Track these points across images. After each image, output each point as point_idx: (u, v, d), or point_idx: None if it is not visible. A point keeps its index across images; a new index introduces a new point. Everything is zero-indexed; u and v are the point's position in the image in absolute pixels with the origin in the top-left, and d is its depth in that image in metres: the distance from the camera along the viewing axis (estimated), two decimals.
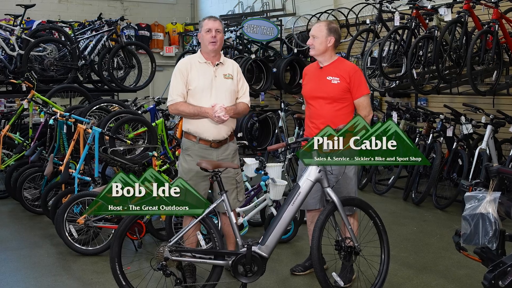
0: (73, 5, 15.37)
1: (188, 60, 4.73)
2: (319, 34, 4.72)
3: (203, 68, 4.67)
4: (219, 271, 4.27)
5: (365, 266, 4.59)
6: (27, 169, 7.25)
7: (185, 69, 4.64)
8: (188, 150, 4.69)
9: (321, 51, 4.75)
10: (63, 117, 6.77)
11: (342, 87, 4.68)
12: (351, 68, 4.74)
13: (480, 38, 7.38)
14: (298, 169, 5.03)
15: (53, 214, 6.02)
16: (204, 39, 4.65)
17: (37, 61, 9.34)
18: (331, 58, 4.79)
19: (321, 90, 4.74)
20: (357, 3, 10.68)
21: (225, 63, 4.78)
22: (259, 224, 6.46)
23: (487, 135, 7.22)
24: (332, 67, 4.76)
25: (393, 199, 8.16)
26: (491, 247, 3.57)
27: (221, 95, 4.63)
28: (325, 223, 4.22)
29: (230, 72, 4.76)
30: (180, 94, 4.63)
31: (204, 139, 4.64)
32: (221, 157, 4.69)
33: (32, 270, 5.32)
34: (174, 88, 4.66)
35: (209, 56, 4.70)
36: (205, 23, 4.67)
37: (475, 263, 3.94)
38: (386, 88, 8.94)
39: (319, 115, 4.77)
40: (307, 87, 4.92)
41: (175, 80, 4.66)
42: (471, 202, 3.68)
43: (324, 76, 4.75)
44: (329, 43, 4.71)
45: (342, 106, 4.72)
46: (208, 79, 4.64)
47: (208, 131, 4.63)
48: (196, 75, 4.63)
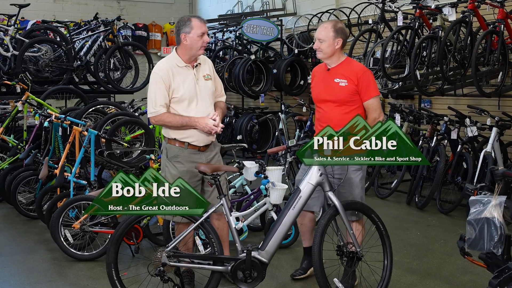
0: (69, 5, 15.31)
1: (166, 66, 4.48)
2: (326, 37, 4.63)
3: (184, 73, 4.50)
4: (218, 277, 4.24)
5: (368, 272, 4.57)
6: (22, 173, 7.20)
7: (167, 77, 4.42)
8: (178, 157, 4.55)
9: (329, 54, 4.69)
10: (58, 119, 6.74)
11: (350, 89, 4.62)
12: (359, 70, 4.67)
13: (485, 39, 7.35)
14: (298, 173, 5.03)
15: (48, 219, 5.98)
16: (196, 44, 4.45)
17: (31, 62, 9.31)
18: (339, 59, 4.73)
19: (329, 93, 4.70)
20: (359, 2, 10.63)
21: (202, 62, 4.63)
22: (259, 229, 6.43)
23: (492, 138, 7.18)
24: (339, 68, 4.70)
25: (396, 203, 8.11)
26: (496, 252, 3.53)
27: (205, 100, 4.55)
28: (326, 228, 4.22)
29: (208, 72, 4.64)
30: (164, 105, 4.43)
31: (192, 145, 4.54)
32: (209, 158, 4.63)
33: (27, 276, 5.28)
34: (157, 97, 4.42)
35: (190, 59, 4.53)
36: (198, 26, 4.45)
37: (480, 269, 3.94)
38: (389, 89, 8.88)
39: (328, 119, 4.68)
40: (315, 90, 4.87)
41: (157, 89, 4.42)
42: (476, 207, 3.64)
43: (332, 79, 4.69)
44: (337, 45, 4.65)
45: (351, 109, 4.64)
46: (192, 85, 4.50)
47: (198, 138, 4.53)
48: (181, 83, 4.45)
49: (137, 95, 11.04)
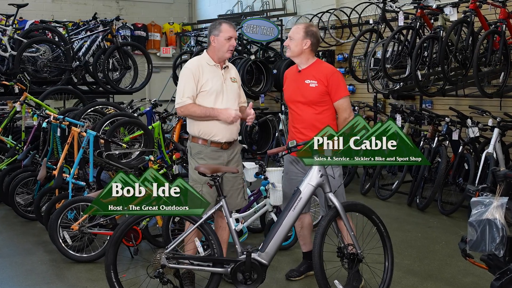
0: (67, 5, 15.33)
1: (197, 62, 4.68)
2: (295, 36, 4.78)
3: (213, 71, 4.67)
4: (217, 279, 4.23)
5: (368, 274, 4.56)
6: (20, 174, 7.17)
7: (197, 71, 4.60)
8: (201, 154, 4.66)
9: (296, 53, 4.79)
10: (56, 120, 6.73)
11: (320, 90, 4.71)
12: (329, 71, 4.77)
13: (486, 39, 7.34)
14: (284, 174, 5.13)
15: (46, 220, 5.96)
16: (223, 46, 4.63)
17: (30, 62, 9.31)
18: (307, 61, 4.83)
19: (300, 94, 4.80)
20: (360, 2, 10.64)
21: (229, 66, 4.82)
22: (259, 230, 6.41)
23: (494, 139, 7.15)
24: (310, 70, 4.81)
25: (397, 204, 8.09)
26: (498, 254, 3.55)
27: (231, 98, 4.71)
28: (327, 229, 4.21)
29: (234, 75, 4.83)
30: (191, 96, 4.59)
31: (215, 142, 4.64)
32: (230, 158, 4.74)
33: (25, 278, 5.26)
34: (186, 89, 4.59)
35: (219, 60, 4.71)
36: (226, 30, 4.64)
37: (481, 270, 3.94)
38: (390, 90, 8.91)
39: (300, 120, 4.81)
40: (287, 91, 4.98)
41: (187, 81, 4.59)
42: (477, 208, 3.65)
43: (303, 80, 4.79)
44: (304, 46, 4.75)
45: (322, 109, 4.74)
46: (220, 82, 4.67)
47: (221, 132, 4.64)
48: (210, 78, 4.62)
49: (136, 95, 11.07)
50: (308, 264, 5.06)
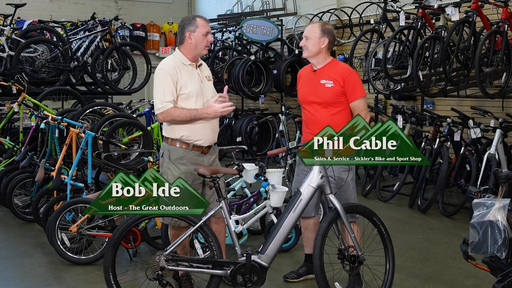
0: (65, 4, 15.32)
1: (173, 63, 4.45)
2: (312, 35, 4.70)
3: (190, 72, 4.50)
4: (217, 281, 4.22)
5: (369, 276, 4.55)
6: (18, 175, 7.16)
7: (174, 72, 4.38)
8: (183, 159, 4.49)
9: (314, 53, 4.72)
10: (55, 121, 6.68)
11: (336, 90, 4.66)
12: (345, 71, 4.71)
13: (488, 39, 7.35)
14: (295, 174, 5.06)
15: (44, 222, 5.95)
16: (201, 43, 4.47)
17: (28, 63, 9.30)
18: (324, 60, 4.77)
19: (315, 95, 4.74)
20: (361, 2, 10.63)
21: (202, 63, 4.69)
22: (259, 232, 6.39)
23: (496, 140, 7.15)
24: (325, 70, 4.74)
25: (398, 206, 8.08)
26: (500, 256, 3.55)
27: (210, 99, 4.53)
28: (327, 231, 4.20)
29: (208, 73, 4.70)
30: (172, 100, 4.37)
31: (197, 146, 4.50)
32: (210, 161, 4.63)
33: (23, 280, 5.26)
34: (165, 92, 4.36)
35: (194, 58, 4.55)
36: (203, 25, 4.48)
37: (483, 272, 3.94)
38: (391, 90, 8.95)
39: (314, 120, 4.75)
40: (301, 91, 4.92)
41: (165, 84, 4.36)
42: (479, 209, 3.66)
43: (318, 80, 4.73)
44: (322, 45, 4.69)
45: (337, 110, 4.70)
46: (198, 83, 4.52)
47: (205, 136, 4.51)
48: (188, 80, 4.44)
49: (135, 96, 11.06)
50: (308, 267, 5.03)
